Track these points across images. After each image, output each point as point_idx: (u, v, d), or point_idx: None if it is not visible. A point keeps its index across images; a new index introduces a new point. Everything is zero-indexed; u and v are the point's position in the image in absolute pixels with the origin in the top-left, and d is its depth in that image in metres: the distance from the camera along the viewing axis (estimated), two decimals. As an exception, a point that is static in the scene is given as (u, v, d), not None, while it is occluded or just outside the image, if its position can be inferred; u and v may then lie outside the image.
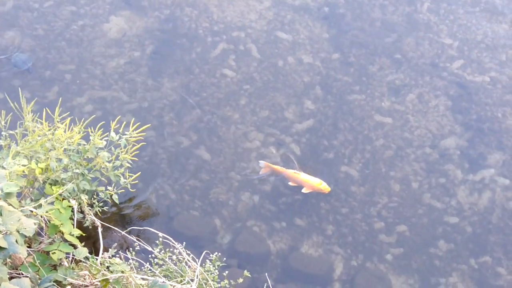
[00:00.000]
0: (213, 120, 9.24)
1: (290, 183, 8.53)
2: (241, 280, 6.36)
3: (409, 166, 8.98)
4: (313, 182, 8.50)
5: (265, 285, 6.77)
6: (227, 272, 6.50)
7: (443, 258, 8.20)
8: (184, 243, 6.63)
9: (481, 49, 10.48)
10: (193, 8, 10.69)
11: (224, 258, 6.90)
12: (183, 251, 6.40)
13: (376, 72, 10.02)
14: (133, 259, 6.54)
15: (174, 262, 6.42)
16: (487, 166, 9.03)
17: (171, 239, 6.63)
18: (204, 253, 6.57)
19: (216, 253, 6.55)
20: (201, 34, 10.31)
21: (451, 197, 8.70)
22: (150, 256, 6.62)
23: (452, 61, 10.25)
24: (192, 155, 8.87)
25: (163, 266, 6.46)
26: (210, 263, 6.43)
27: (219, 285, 6.32)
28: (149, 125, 7.79)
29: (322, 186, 8.50)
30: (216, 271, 6.39)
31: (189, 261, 6.37)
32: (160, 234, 6.69)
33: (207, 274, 6.26)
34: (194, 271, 6.24)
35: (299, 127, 9.26)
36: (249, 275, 6.42)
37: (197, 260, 6.35)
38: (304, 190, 8.46)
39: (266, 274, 7.54)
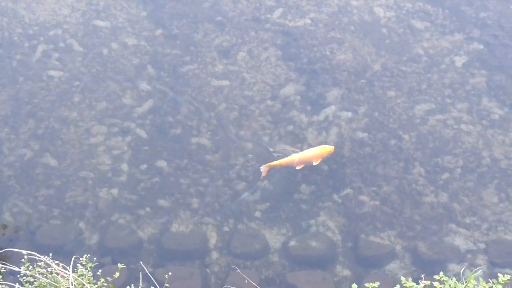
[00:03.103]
0: (50, 124, 8.94)
1: (297, 167, 8.38)
2: (117, 274, 6.21)
3: (256, 122, 9.09)
4: (319, 152, 8.47)
5: (141, 274, 6.64)
6: (100, 270, 6.33)
7: (308, 200, 8.40)
8: (51, 254, 6.39)
9: (296, -6, 10.72)
10: (1, 16, 10.22)
11: (94, 258, 6.72)
12: (51, 262, 6.17)
13: (202, 39, 10.02)
14: (1, 284, 6.24)
15: (45, 275, 6.18)
16: (328, 104, 9.29)
17: (35, 253, 6.36)
18: (73, 258, 6.36)
19: (86, 255, 6.36)
20: (16, 41, 9.91)
21: (302, 142, 8.89)
22: (18, 276, 6.34)
23: (272, 12, 10.42)
24: (38, 165, 8.56)
25: (35, 283, 6.20)
26: (82, 267, 6.24)
27: (96, 285, 6.16)
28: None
29: (328, 148, 8.49)
30: (90, 273, 6.21)
31: (60, 270, 6.15)
32: (24, 251, 6.41)
33: (82, 279, 6.08)
34: (68, 279, 6.04)
35: (140, 111, 9.13)
36: (125, 267, 6.28)
37: (67, 267, 6.15)
38: (315, 163, 8.42)
39: (141, 262, 7.43)
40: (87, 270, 6.25)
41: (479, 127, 9.10)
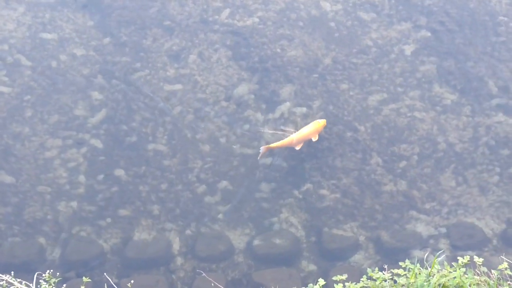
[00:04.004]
0: (3, 141, 8.79)
1: (296, 148, 8.59)
2: (82, 288, 6.15)
3: (212, 124, 9.06)
4: (315, 128, 8.70)
5: (106, 285, 6.57)
6: (64, 285, 6.26)
7: (269, 199, 8.41)
8: (12, 272, 6.29)
9: (242, -6, 10.72)
10: None
11: (58, 273, 6.63)
12: (13, 280, 6.07)
13: (151, 45, 9.96)
14: (-37, 308, 6.11)
15: (8, 295, 6.07)
16: (282, 101, 9.31)
17: (-3, 273, 6.26)
18: (36, 275, 6.27)
19: (48, 271, 6.27)
20: (-38, 59, 9.75)
21: (259, 140, 8.89)
22: (-20, 298, 6.23)
23: (220, 13, 10.40)
24: (-7, 183, 8.43)
25: (-2, 303, 6.10)
26: (46, 283, 6.15)
27: (61, 301, 6.08)
28: None
29: (321, 122, 8.76)
30: (54, 288, 6.13)
31: (23, 288, 6.06)
32: (-16, 272, 6.30)
33: (46, 295, 5.98)
34: (32, 297, 5.95)
35: (93, 121, 9.03)
36: (89, 280, 6.20)
37: (31, 285, 6.05)
38: (314, 139, 8.65)
39: (106, 274, 7.35)
40: (51, 286, 6.16)
41: (433, 113, 9.21)
